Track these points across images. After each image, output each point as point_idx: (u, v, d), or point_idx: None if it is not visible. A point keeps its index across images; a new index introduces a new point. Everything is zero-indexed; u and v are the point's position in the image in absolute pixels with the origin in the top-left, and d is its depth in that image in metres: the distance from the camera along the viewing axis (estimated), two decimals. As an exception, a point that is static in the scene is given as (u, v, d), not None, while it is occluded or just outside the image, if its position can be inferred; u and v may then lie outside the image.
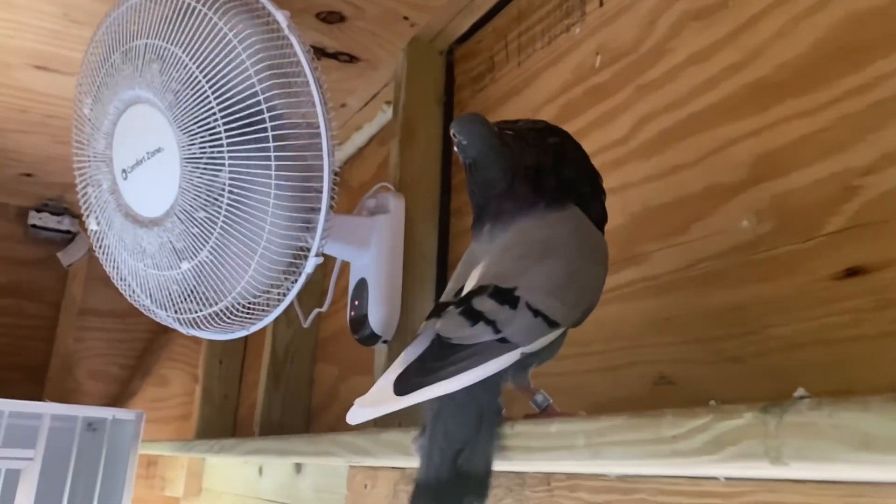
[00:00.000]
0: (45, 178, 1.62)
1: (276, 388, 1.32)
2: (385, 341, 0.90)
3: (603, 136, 0.74)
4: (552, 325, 0.47)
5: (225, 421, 1.63)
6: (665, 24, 0.70)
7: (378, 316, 0.89)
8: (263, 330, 1.37)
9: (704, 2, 0.66)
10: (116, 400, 1.81)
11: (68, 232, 1.77)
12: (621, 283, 0.67)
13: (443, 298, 0.50)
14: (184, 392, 1.79)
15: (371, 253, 0.92)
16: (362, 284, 0.91)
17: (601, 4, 0.79)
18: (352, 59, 1.10)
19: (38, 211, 1.75)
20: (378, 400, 0.43)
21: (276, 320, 1.08)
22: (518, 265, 0.48)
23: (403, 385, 0.43)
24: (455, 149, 0.56)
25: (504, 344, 0.45)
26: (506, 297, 0.45)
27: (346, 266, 0.99)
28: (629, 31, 0.74)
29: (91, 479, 1.33)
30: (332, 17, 1.01)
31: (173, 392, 1.82)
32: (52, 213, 1.76)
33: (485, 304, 0.45)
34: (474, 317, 0.44)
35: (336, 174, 0.79)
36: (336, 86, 1.16)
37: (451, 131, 0.54)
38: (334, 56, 1.09)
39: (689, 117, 0.65)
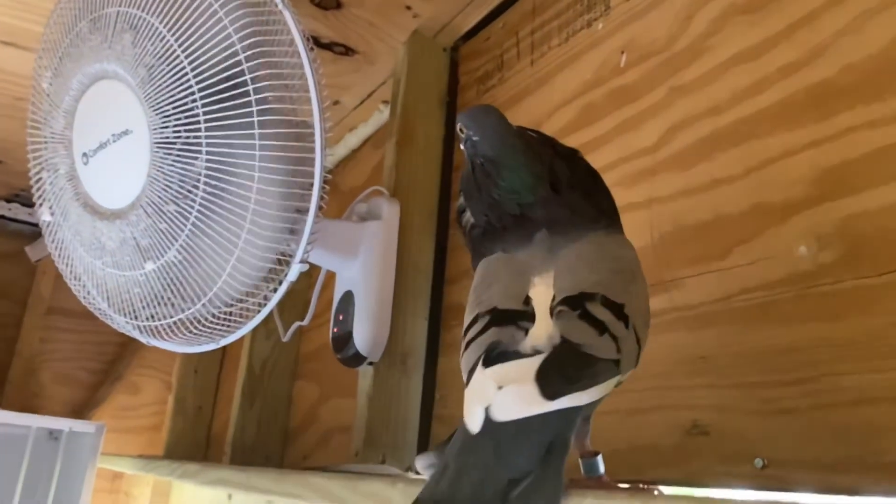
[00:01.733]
0: (16, 167, 1.52)
1: (251, 406, 1.22)
2: (371, 363, 0.81)
3: (628, 144, 0.65)
4: (637, 361, 0.40)
5: (197, 435, 1.54)
6: (705, 18, 0.62)
7: (364, 334, 0.80)
8: (242, 340, 1.29)
9: (755, -7, 0.57)
10: (82, 407, 1.71)
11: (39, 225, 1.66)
12: (647, 313, 0.58)
13: (500, 305, 0.41)
14: (156, 401, 1.69)
15: (359, 263, 0.83)
16: (348, 298, 0.82)
17: (629, -3, 0.70)
18: (348, 51, 1.01)
19: (8, 201, 1.64)
20: (526, 401, 0.35)
21: (255, 332, 0.99)
22: (616, 280, 0.41)
23: (551, 390, 0.35)
24: (461, 146, 0.48)
25: (615, 367, 0.38)
26: (618, 312, 0.39)
27: (331, 276, 0.90)
28: (661, 26, 0.66)
29: (45, 491, 1.22)
30: (327, 3, 0.92)
31: (145, 401, 1.71)
32: (23, 205, 1.65)
33: (604, 314, 0.38)
34: (598, 325, 0.38)
35: (328, 173, 0.70)
36: (330, 81, 1.07)
37: (459, 125, 0.46)
38: (328, 47, 1.00)
39: (734, 124, 0.56)
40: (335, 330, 0.83)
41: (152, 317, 0.75)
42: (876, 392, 0.43)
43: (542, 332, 0.38)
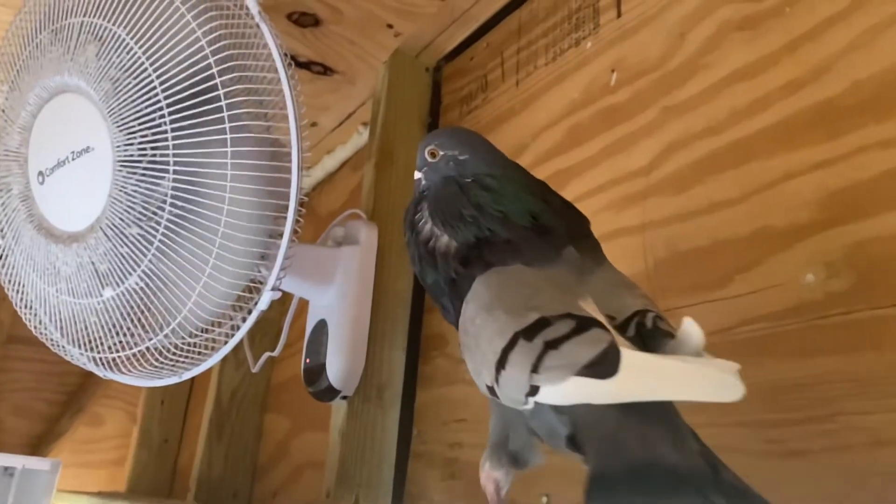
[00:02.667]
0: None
1: (219, 439, 1.17)
2: (345, 397, 0.76)
3: (619, 165, 0.62)
4: None
5: (162, 469, 1.48)
6: (699, 36, 0.59)
7: (337, 366, 0.75)
8: (210, 369, 1.23)
9: (752, 9, 0.55)
10: (41, 441, 1.63)
11: (1, 249, 1.59)
12: (641, 345, 0.54)
13: (574, 312, 0.37)
14: (120, 434, 1.63)
15: (334, 290, 0.79)
16: (321, 327, 0.78)
17: (619, 15, 0.68)
18: (326, 70, 0.98)
19: (-31, 224, 1.58)
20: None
21: (224, 361, 0.94)
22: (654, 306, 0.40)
23: None
24: (423, 169, 0.47)
25: None
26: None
27: (304, 304, 0.86)
28: (653, 44, 0.63)
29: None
30: (305, 20, 0.88)
31: (108, 433, 1.65)
32: (-14, 228, 1.59)
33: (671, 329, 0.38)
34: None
35: (304, 196, 0.66)
36: (307, 101, 1.01)
37: (431, 147, 0.45)
38: (306, 66, 0.97)
39: (732, 145, 0.53)
40: (307, 361, 0.79)
41: (110, 348, 0.71)
42: (894, 433, 0.39)
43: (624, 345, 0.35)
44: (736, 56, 0.55)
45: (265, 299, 0.67)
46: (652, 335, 0.36)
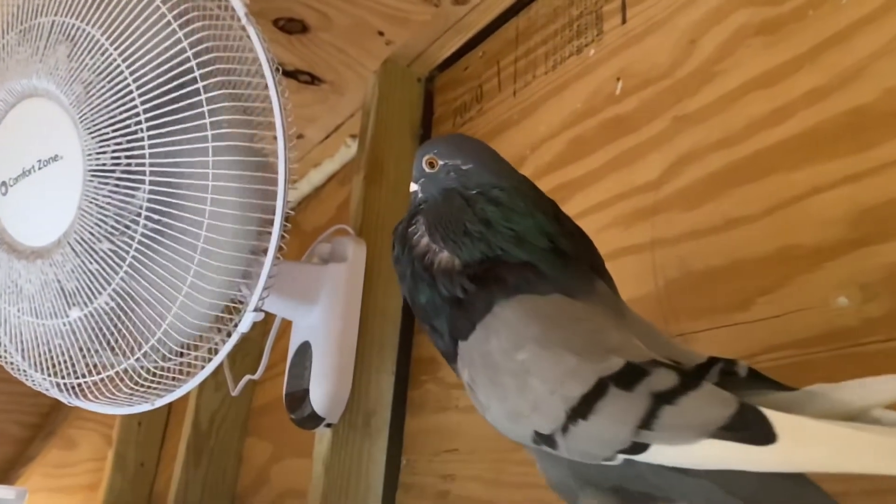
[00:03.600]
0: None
1: (197, 464, 1.12)
2: (329, 424, 0.71)
3: (626, 179, 0.58)
4: None
5: (138, 495, 1.43)
6: (713, 41, 0.55)
7: (321, 391, 0.71)
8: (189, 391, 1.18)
9: (771, 12, 0.51)
10: (11, 465, 1.56)
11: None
12: (652, 372, 0.50)
13: (660, 357, 0.33)
14: (94, 457, 1.57)
15: (319, 310, 0.74)
16: (305, 350, 0.73)
17: (624, 21, 0.64)
18: (314, 79, 0.94)
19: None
20: None
21: (202, 382, 0.90)
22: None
23: None
24: (420, 181, 0.43)
25: None
26: None
27: (287, 323, 0.81)
28: (661, 51, 0.60)
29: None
30: (292, 27, 0.85)
31: (82, 456, 1.59)
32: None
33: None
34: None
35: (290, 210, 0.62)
36: (294, 111, 0.97)
37: (429, 156, 0.41)
38: (293, 75, 0.93)
39: (751, 157, 0.50)
40: (289, 386, 0.74)
41: (76, 373, 0.66)
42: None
43: None
44: (753, 63, 0.51)
45: (247, 321, 0.63)
46: (744, 385, 0.32)
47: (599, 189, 0.60)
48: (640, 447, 0.30)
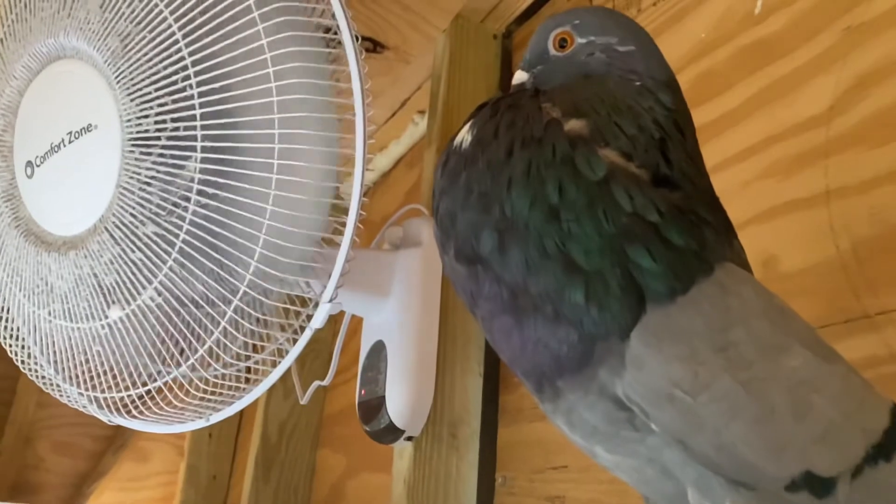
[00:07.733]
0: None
1: (267, 479, 1.09)
2: (409, 438, 0.63)
3: (780, 115, 0.47)
4: None
5: (212, 508, 1.39)
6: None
7: (400, 399, 0.64)
8: (256, 399, 1.14)
9: None
10: (83, 479, 1.54)
11: None
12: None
13: None
14: (167, 469, 1.56)
15: (392, 304, 0.67)
16: (378, 350, 0.67)
17: (757, -75, 0.51)
18: (376, 46, 0.85)
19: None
20: None
21: (270, 390, 0.84)
22: None
23: None
24: (535, 63, 0.32)
25: None
26: None
27: (357, 322, 0.74)
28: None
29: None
30: (348, -17, 0.75)
31: (154, 469, 1.58)
32: None
33: None
34: None
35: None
36: (354, 86, 0.91)
37: (563, 29, 0.30)
38: (352, 41, 0.83)
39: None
40: (362, 393, 0.67)
41: (117, 385, 0.60)
42: None
43: None
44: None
45: (321, 313, 0.55)
46: None
47: (742, 132, 0.49)
48: None
